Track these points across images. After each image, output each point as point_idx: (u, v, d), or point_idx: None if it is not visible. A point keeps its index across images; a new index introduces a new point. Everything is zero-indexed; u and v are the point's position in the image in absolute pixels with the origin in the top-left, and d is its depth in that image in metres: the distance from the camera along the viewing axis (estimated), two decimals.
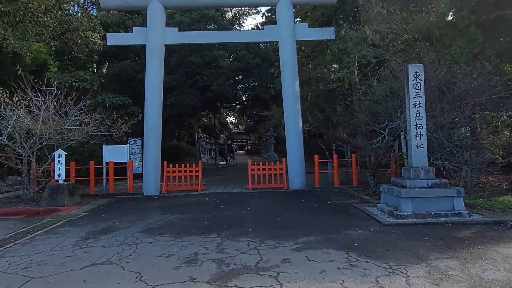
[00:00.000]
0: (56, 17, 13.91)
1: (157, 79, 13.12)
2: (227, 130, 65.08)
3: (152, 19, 13.00)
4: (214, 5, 13.04)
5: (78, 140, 12.49)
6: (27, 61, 18.07)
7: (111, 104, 16.71)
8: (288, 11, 13.09)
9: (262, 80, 18.90)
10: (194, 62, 17.07)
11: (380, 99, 10.92)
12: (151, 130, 13.00)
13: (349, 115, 12.87)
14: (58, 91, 11.36)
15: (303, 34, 13.29)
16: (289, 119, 13.22)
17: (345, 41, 11.69)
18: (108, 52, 18.57)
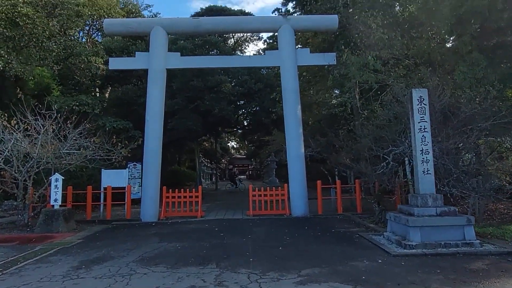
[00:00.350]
0: (60, 42, 14.05)
1: (158, 103, 13.07)
2: (228, 155, 64.89)
3: (155, 44, 13.11)
4: (216, 31, 13.19)
5: (77, 164, 12.29)
6: (30, 85, 18.18)
7: (112, 128, 16.62)
8: (289, 36, 13.20)
9: (264, 105, 18.90)
10: (196, 86, 17.11)
11: (384, 124, 10.77)
12: (151, 155, 12.81)
13: (351, 140, 12.69)
14: (58, 115, 11.25)
15: (304, 59, 13.33)
16: (291, 144, 13.04)
17: (347, 66, 11.69)
18: (111, 77, 18.69)
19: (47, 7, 13.82)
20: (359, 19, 13.09)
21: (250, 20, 13.60)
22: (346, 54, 11.52)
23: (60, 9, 13.71)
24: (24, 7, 12.41)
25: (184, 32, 13.43)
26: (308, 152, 14.75)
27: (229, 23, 13.42)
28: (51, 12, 13.96)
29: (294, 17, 13.94)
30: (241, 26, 13.37)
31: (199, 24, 13.15)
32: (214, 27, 13.35)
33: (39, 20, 12.50)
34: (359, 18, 13.20)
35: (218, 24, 13.33)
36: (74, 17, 14.30)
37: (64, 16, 13.76)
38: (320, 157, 14.65)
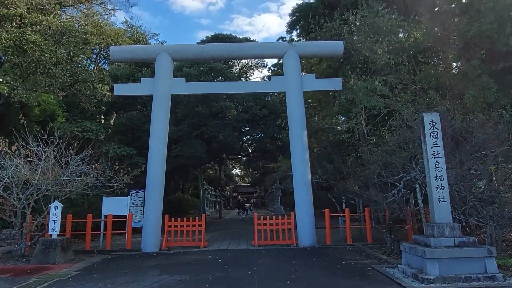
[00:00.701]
0: (66, 69, 14.14)
1: (162, 129, 12.89)
2: (232, 182, 64.38)
3: (160, 70, 13.10)
4: (221, 57, 13.21)
5: (78, 191, 11.98)
6: (35, 112, 18.23)
7: (115, 154, 16.43)
8: (295, 62, 13.15)
9: (269, 131, 18.70)
10: (201, 113, 17.03)
11: (393, 150, 10.44)
12: (154, 182, 12.48)
13: (360, 167, 12.32)
14: (60, 141, 11.07)
15: (310, 85, 13.23)
16: (297, 171, 12.68)
17: (354, 91, 11.52)
18: (116, 103, 18.73)
19: (55, 35, 14.01)
20: (365, 44, 13.05)
21: (255, 46, 13.65)
22: (353, 79, 11.37)
23: (68, 37, 13.89)
24: (32, 34, 12.57)
25: (189, 58, 13.47)
26: (315, 179, 14.36)
27: (234, 49, 13.47)
28: (59, 40, 14.13)
29: (299, 43, 13.98)
30: (246, 52, 13.40)
31: (204, 50, 13.20)
32: (219, 53, 13.39)
33: (46, 47, 12.61)
34: (364, 44, 13.18)
35: (223, 50, 13.37)
36: (81, 45, 14.47)
37: (71, 43, 13.92)
38: (327, 184, 14.24)
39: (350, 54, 13.56)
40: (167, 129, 13.13)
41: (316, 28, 14.88)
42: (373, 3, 13.76)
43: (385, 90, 10.95)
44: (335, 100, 14.85)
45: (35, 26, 13.58)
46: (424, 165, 8.83)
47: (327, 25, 14.75)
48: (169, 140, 13.53)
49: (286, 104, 13.31)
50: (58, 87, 14.54)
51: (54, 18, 14.40)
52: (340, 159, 13.67)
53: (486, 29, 9.33)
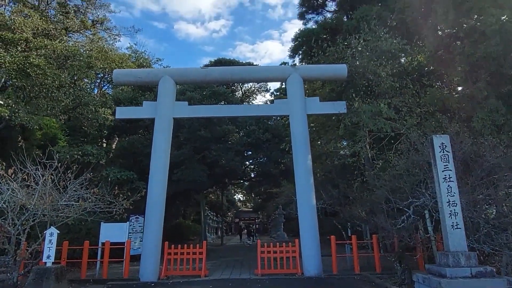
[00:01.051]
0: (69, 93, 14.11)
1: (164, 153, 12.66)
2: (234, 208, 63.49)
3: (162, 93, 13.02)
4: (224, 80, 13.15)
5: (75, 217, 11.60)
6: (37, 135, 18.13)
7: (116, 179, 16.15)
8: (298, 85, 13.06)
9: (272, 156, 18.43)
10: (203, 136, 16.85)
11: (401, 174, 10.10)
12: (153, 207, 12.11)
13: (366, 192, 11.95)
14: (59, 164, 10.82)
15: (314, 108, 13.06)
16: (301, 196, 12.30)
17: (359, 114, 11.33)
18: (118, 127, 18.63)
19: (59, 59, 14.09)
20: (368, 68, 13.01)
21: (258, 70, 13.61)
22: (358, 102, 11.21)
23: (72, 60, 13.95)
24: (36, 58, 12.61)
25: (192, 81, 13.43)
26: (320, 205, 13.94)
27: (237, 72, 13.43)
28: (63, 63, 14.19)
29: (302, 66, 13.96)
30: (249, 75, 13.35)
31: (207, 73, 13.16)
32: (222, 76, 13.34)
33: (49, 71, 12.63)
34: (367, 67, 13.14)
35: (226, 73, 13.33)
36: (84, 68, 14.51)
37: (75, 67, 13.96)
38: (332, 210, 13.80)
39: (353, 77, 13.50)
40: (169, 153, 12.90)
41: (319, 52, 14.94)
42: (375, 27, 13.84)
43: (391, 113, 10.76)
44: (338, 124, 14.67)
45: (40, 50, 13.67)
46: (434, 190, 8.49)
47: (330, 49, 14.80)
48: (170, 164, 13.27)
49: (289, 128, 13.11)
50: (60, 111, 14.48)
51: (60, 43, 14.51)
52: (345, 184, 13.31)
53: (492, 51, 9.23)
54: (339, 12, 20.72)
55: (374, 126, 10.89)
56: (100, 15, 21.47)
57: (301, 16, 22.43)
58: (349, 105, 12.66)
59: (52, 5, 19.23)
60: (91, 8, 20.84)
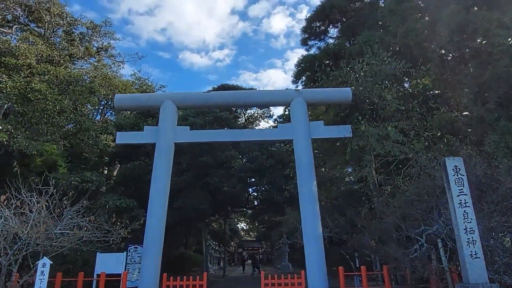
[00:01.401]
0: (70, 118, 13.96)
1: (164, 179, 12.27)
2: (237, 237, 62.04)
3: (164, 118, 12.81)
4: (226, 105, 12.96)
5: (70, 246, 11.08)
6: (37, 162, 17.88)
7: (115, 206, 15.69)
8: (302, 109, 12.82)
9: (276, 182, 17.96)
10: (205, 162, 16.50)
11: (412, 200, 9.62)
12: (152, 236, 11.58)
13: (375, 219, 11.39)
14: (54, 190, 10.44)
15: (319, 132, 12.74)
16: (307, 224, 11.74)
17: (365, 138, 10.99)
18: (119, 153, 18.37)
19: (62, 84, 14.05)
20: (373, 91, 12.82)
21: (261, 94, 13.46)
22: (364, 125, 10.90)
23: (74, 86, 13.89)
24: (38, 83, 12.55)
25: (194, 106, 13.27)
26: (326, 233, 13.32)
27: (239, 96, 13.27)
28: (65, 89, 14.14)
29: (306, 90, 13.80)
30: (252, 99, 13.16)
31: (210, 98, 13.00)
32: (225, 101, 13.16)
33: (51, 96, 12.54)
34: (372, 90, 12.96)
35: (228, 97, 13.16)
36: (86, 93, 14.43)
37: (77, 92, 13.87)
38: (339, 239, 13.16)
39: (358, 101, 13.29)
40: (169, 179, 12.51)
41: (323, 77, 14.83)
42: (379, 51, 13.78)
43: (398, 136, 10.41)
44: (343, 149, 14.32)
45: (42, 76, 13.66)
46: (448, 217, 7.99)
47: (334, 74, 14.72)
48: (171, 191, 12.86)
49: (293, 154, 12.77)
50: (60, 136, 14.27)
51: (64, 69, 14.55)
52: (352, 211, 12.76)
53: (501, 71, 8.99)
54: (341, 38, 20.92)
55: (381, 149, 10.52)
56: (105, 42, 21.88)
57: (304, 42, 22.67)
58: (355, 128, 12.36)
59: (58, 33, 19.59)
60: (96, 36, 21.22)
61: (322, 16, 21.67)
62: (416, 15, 16.00)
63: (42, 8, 18.19)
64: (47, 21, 18.17)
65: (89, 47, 20.41)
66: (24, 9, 18.81)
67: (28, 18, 20.01)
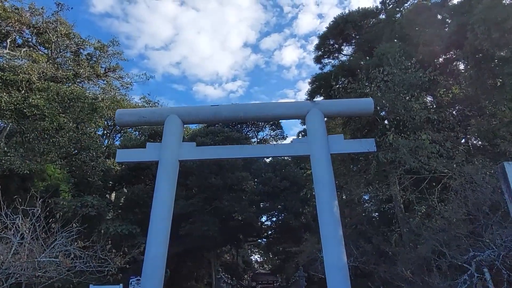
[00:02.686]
0: (69, 136, 13.04)
1: (167, 201, 10.97)
2: (251, 269, 59.28)
3: (168, 134, 11.72)
4: (236, 119, 11.86)
5: (61, 277, 9.76)
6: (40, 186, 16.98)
7: (116, 233, 14.41)
8: (319, 121, 11.56)
9: (291, 206, 16.42)
10: (214, 184, 15.21)
11: (456, 220, 8.06)
12: (152, 266, 10.15)
13: (408, 245, 9.77)
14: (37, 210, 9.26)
15: (338, 147, 11.39)
16: (329, 251, 10.15)
17: (394, 151, 9.62)
18: (124, 177, 17.29)
19: (63, 101, 13.26)
20: (397, 102, 11.56)
21: (274, 106, 12.31)
22: (392, 135, 9.55)
23: (75, 102, 13.08)
24: (36, 98, 11.74)
25: (201, 120, 12.19)
26: (350, 263, 11.64)
27: (250, 109, 12.12)
28: (67, 106, 13.33)
29: (323, 101, 12.63)
30: (264, 112, 11.99)
31: (217, 111, 11.90)
32: (234, 114, 12.03)
33: (48, 111, 11.67)
34: (396, 101, 11.70)
35: (238, 110, 12.03)
36: (88, 110, 13.58)
37: (77, 109, 13.01)
38: (366, 269, 11.47)
39: (379, 112, 12.03)
40: (173, 201, 11.21)
41: (340, 90, 13.71)
42: (401, 59, 12.65)
43: (434, 147, 8.99)
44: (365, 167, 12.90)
45: (42, 93, 12.92)
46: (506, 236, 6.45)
47: (352, 86, 13.59)
48: (177, 216, 11.57)
49: (310, 175, 11.45)
50: (59, 155, 13.29)
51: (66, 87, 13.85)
52: (380, 236, 11.14)
53: None
54: (357, 53, 19.94)
55: (414, 163, 9.07)
56: (113, 63, 21.44)
57: (318, 60, 21.78)
58: (379, 141, 11.01)
59: (65, 54, 19.21)
60: (104, 56, 20.79)
61: (335, 32, 20.86)
62: (437, 24, 14.99)
63: (49, 28, 17.92)
64: (54, 41, 17.83)
65: (96, 67, 19.91)
66: (32, 31, 18.62)
67: (37, 41, 19.83)
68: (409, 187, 11.06)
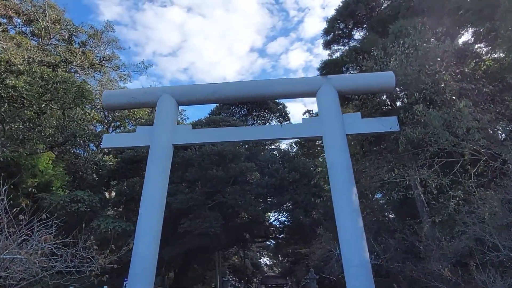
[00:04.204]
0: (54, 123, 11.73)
1: (159, 191, 9.59)
2: (260, 272, 57.72)
3: (161, 115, 10.36)
4: (238, 98, 10.42)
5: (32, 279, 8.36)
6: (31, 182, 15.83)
7: (107, 230, 13.05)
8: (332, 98, 10.08)
9: (301, 200, 14.83)
10: (216, 176, 13.75)
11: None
12: (141, 266, 8.80)
13: (445, 238, 8.18)
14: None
15: (355, 127, 9.89)
16: (347, 246, 8.65)
17: (422, 126, 8.07)
18: (119, 170, 15.95)
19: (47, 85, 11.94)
20: (421, 76, 10.02)
21: (281, 82, 10.82)
22: (421, 106, 7.99)
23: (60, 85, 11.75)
24: (13, 79, 10.46)
25: (199, 100, 10.74)
26: (371, 261, 10.08)
27: (254, 86, 10.65)
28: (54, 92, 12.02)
29: (337, 76, 11.10)
30: (270, 89, 10.52)
31: (217, 90, 10.48)
32: (236, 93, 10.57)
33: (28, 93, 10.36)
34: (420, 75, 10.15)
35: (240, 88, 10.59)
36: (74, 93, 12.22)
37: (61, 91, 11.67)
38: (390, 267, 9.87)
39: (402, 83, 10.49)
40: (165, 191, 9.81)
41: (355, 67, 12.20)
42: (424, 28, 11.11)
43: (473, 120, 7.38)
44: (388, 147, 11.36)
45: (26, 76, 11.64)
46: None
47: (368, 63, 12.08)
48: (177, 212, 10.20)
49: (325, 153, 9.95)
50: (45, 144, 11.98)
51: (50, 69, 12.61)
52: (406, 228, 9.55)
53: None
54: (370, 35, 18.34)
55: (449, 139, 7.49)
56: (108, 52, 20.10)
57: (326, 46, 20.21)
58: (404, 117, 9.48)
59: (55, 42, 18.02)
60: (98, 45, 19.50)
61: (346, 13, 19.27)
62: None
63: (38, 12, 16.75)
64: (44, 27, 16.66)
65: (89, 54, 18.55)
66: (23, 20, 17.48)
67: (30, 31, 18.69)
68: (440, 171, 9.44)
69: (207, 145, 14.18)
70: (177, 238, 14.46)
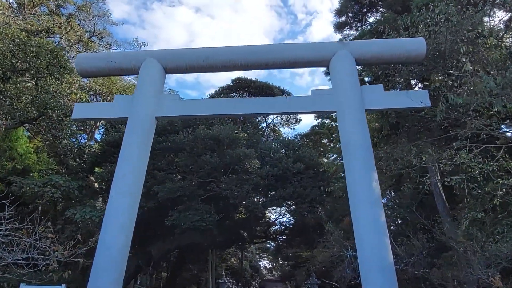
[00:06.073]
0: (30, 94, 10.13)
1: (134, 171, 7.94)
2: (259, 275, 56.00)
3: (144, 82, 8.74)
4: (235, 65, 8.70)
5: None
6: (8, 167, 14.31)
7: (83, 220, 11.40)
8: (349, 66, 8.39)
9: (306, 194, 13.05)
10: (210, 163, 12.03)
11: None
12: (106, 260, 7.15)
13: (490, 235, 6.43)
14: None
15: (377, 101, 8.19)
16: (366, 244, 6.95)
17: (472, 93, 6.35)
18: (104, 154, 14.30)
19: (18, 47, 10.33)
20: (458, 41, 8.30)
21: (287, 48, 9.09)
22: (467, 65, 6.26)
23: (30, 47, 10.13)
24: None
25: (189, 66, 9.04)
26: None
27: (254, 52, 8.96)
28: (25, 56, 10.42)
29: (354, 42, 9.42)
30: (274, 55, 8.82)
31: (211, 55, 8.83)
32: (232, 60, 8.89)
33: None
34: (453, 46, 8.44)
35: (238, 53, 8.91)
36: (47, 59, 10.60)
37: (30, 54, 10.05)
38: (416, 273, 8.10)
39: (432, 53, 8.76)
40: (143, 172, 8.16)
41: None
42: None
43: None
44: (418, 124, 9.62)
45: None
46: None
47: (390, 35, 10.36)
48: (165, 202, 8.48)
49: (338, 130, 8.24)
50: (11, 116, 10.36)
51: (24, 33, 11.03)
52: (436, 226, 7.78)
53: None
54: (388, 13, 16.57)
55: (506, 107, 5.77)
56: (99, 27, 18.42)
57: (338, 28, 18.44)
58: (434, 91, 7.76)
59: (39, 12, 16.40)
60: (88, 18, 17.83)
61: None
62: None
63: None
64: None
65: (76, 26, 16.87)
66: None
67: None
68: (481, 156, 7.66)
69: (201, 129, 12.53)
70: (166, 233, 12.76)
